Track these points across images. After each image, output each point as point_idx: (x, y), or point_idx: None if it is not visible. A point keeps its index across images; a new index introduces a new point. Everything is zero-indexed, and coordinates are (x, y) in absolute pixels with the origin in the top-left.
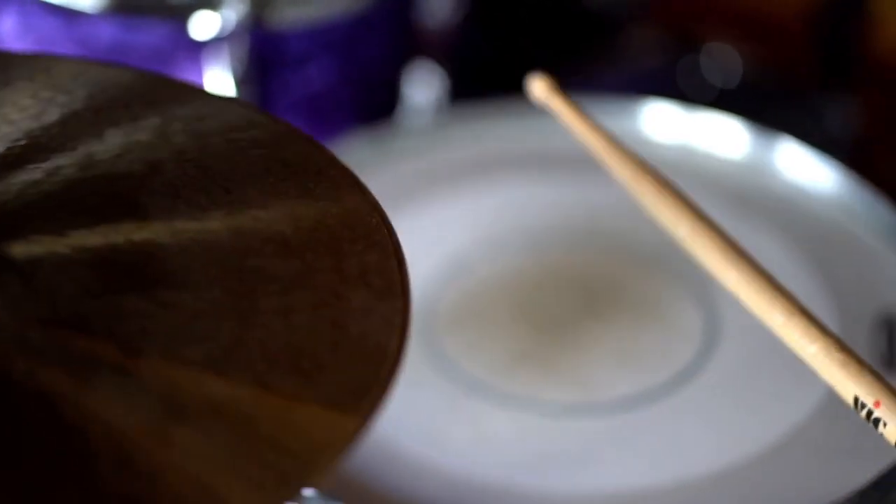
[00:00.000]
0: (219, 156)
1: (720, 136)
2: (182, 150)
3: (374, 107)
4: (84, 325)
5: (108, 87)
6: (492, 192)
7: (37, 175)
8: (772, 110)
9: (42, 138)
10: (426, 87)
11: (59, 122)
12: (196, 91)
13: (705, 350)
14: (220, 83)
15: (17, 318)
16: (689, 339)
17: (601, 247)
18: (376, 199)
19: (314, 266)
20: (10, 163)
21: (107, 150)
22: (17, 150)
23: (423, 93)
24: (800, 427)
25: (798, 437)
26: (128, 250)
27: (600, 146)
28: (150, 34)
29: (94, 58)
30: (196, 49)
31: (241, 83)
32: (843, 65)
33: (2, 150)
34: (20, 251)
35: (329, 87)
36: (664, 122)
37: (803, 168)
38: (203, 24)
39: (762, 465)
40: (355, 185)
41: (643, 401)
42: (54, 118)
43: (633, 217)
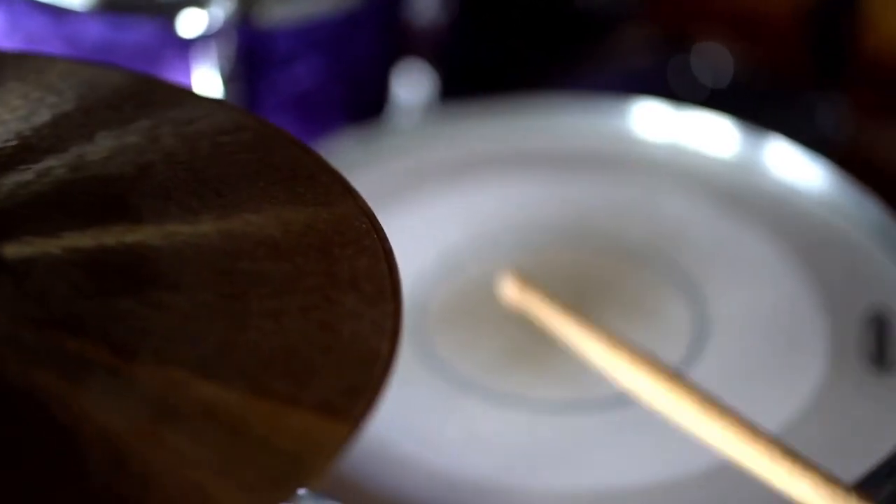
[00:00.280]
0: (209, 159)
1: (709, 135)
2: (172, 152)
3: (363, 106)
4: (77, 326)
5: (99, 89)
6: (481, 191)
7: (28, 176)
8: (763, 110)
9: (33, 139)
10: (415, 86)
11: (50, 123)
12: (186, 93)
13: (695, 347)
14: (207, 81)
15: (10, 319)
16: (679, 336)
17: (590, 245)
18: (367, 203)
19: (305, 270)
20: (1, 163)
21: (97, 152)
22: (8, 150)
23: (412, 92)
24: (789, 424)
25: (787, 435)
26: (120, 252)
27: (581, 334)
28: (138, 32)
29: (81, 56)
30: (184, 47)
31: (228, 81)
32: (834, 64)
33: None
34: (12, 252)
35: (317, 85)
36: (653, 121)
37: (793, 167)
38: (191, 22)
39: None
40: (346, 189)
41: (634, 398)
42: (45, 119)
43: (622, 215)
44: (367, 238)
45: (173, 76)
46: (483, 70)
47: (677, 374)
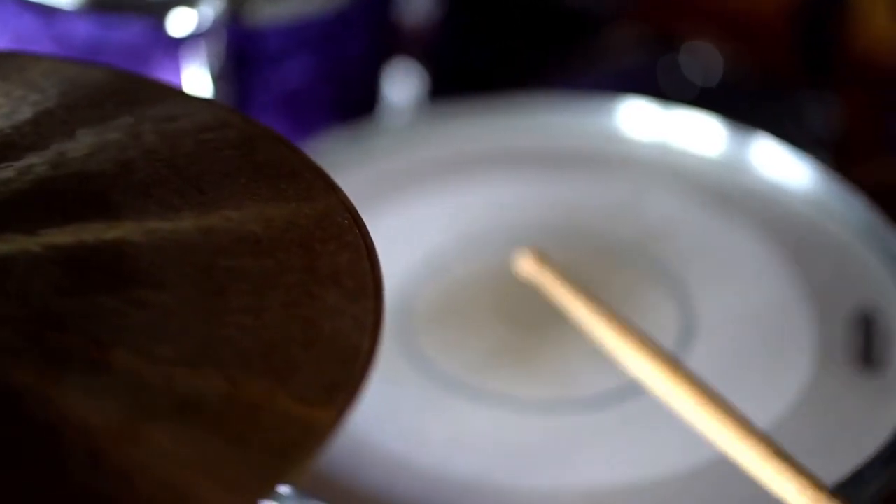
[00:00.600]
0: (191, 156)
1: (697, 134)
2: (154, 149)
3: (353, 105)
4: (56, 323)
5: (81, 86)
6: (470, 190)
7: (9, 173)
8: (753, 109)
9: (14, 136)
10: (405, 85)
11: (32, 121)
12: (169, 90)
13: (681, 345)
14: (197, 80)
15: None
16: (666, 335)
17: (578, 244)
18: (350, 199)
19: (286, 266)
20: None
21: (79, 149)
22: None
23: (401, 91)
24: (776, 423)
25: (775, 433)
26: (99, 249)
27: (593, 315)
28: (128, 31)
29: (70, 55)
30: (173, 46)
31: (218, 80)
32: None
33: None
34: None
35: (307, 84)
36: (641, 120)
37: (780, 165)
38: (180, 21)
39: None
40: (328, 185)
41: (621, 397)
42: (27, 116)
43: (610, 214)
44: (349, 234)
45: (163, 75)
46: (472, 69)
47: (686, 367)
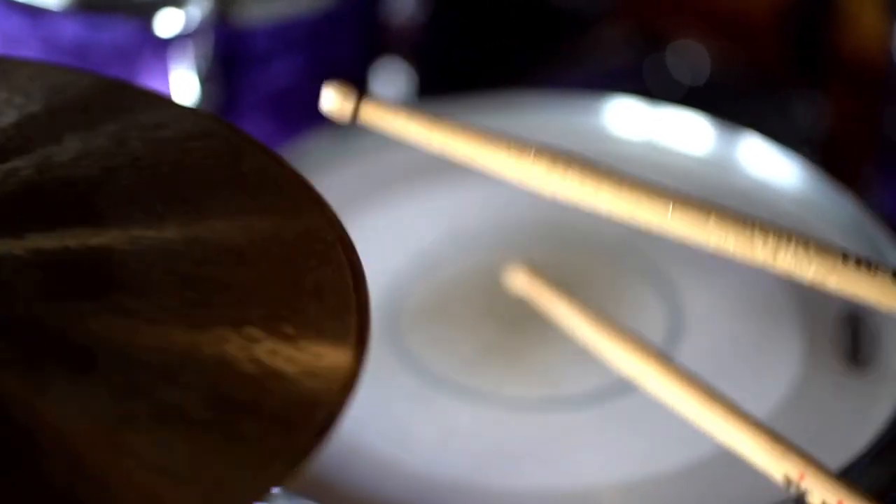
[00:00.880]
0: (176, 164)
1: (685, 133)
2: (139, 157)
3: None
4: (38, 328)
5: (68, 91)
6: (458, 189)
7: None
8: (741, 107)
9: None
10: (393, 84)
11: (16, 124)
12: (155, 98)
13: (670, 343)
14: (185, 81)
15: None
16: (654, 333)
17: (565, 242)
18: (335, 213)
19: (269, 279)
20: None
21: (65, 154)
22: None
23: (390, 90)
24: (766, 418)
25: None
26: (84, 255)
27: (589, 328)
28: (115, 32)
29: (58, 56)
30: (161, 46)
31: (206, 81)
32: (812, 61)
33: None
34: None
35: (295, 84)
36: (629, 119)
37: (768, 164)
38: (168, 22)
39: (730, 457)
40: (314, 199)
41: (610, 395)
42: (12, 120)
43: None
44: (332, 250)
45: (150, 76)
46: (460, 68)
47: (683, 367)
